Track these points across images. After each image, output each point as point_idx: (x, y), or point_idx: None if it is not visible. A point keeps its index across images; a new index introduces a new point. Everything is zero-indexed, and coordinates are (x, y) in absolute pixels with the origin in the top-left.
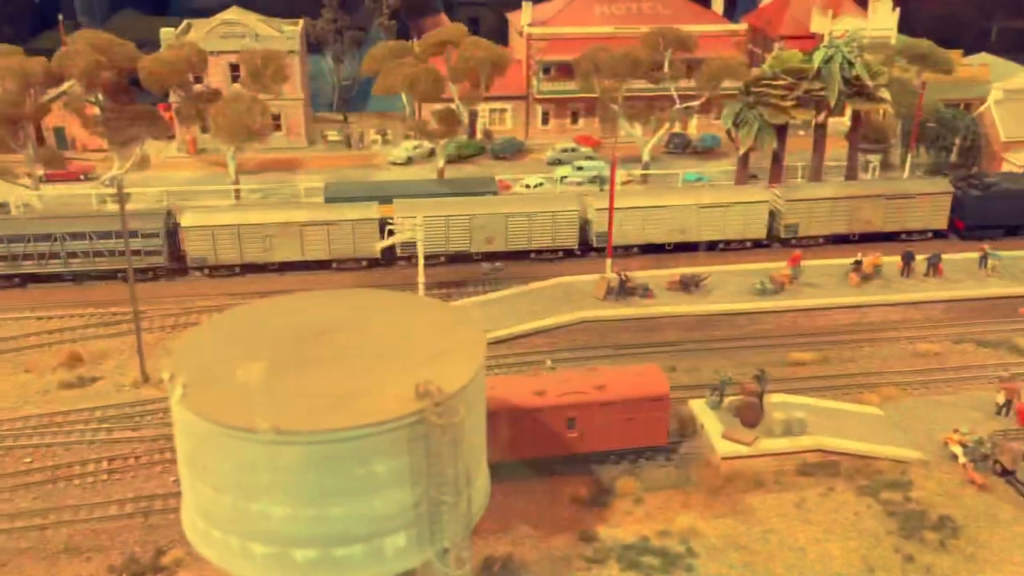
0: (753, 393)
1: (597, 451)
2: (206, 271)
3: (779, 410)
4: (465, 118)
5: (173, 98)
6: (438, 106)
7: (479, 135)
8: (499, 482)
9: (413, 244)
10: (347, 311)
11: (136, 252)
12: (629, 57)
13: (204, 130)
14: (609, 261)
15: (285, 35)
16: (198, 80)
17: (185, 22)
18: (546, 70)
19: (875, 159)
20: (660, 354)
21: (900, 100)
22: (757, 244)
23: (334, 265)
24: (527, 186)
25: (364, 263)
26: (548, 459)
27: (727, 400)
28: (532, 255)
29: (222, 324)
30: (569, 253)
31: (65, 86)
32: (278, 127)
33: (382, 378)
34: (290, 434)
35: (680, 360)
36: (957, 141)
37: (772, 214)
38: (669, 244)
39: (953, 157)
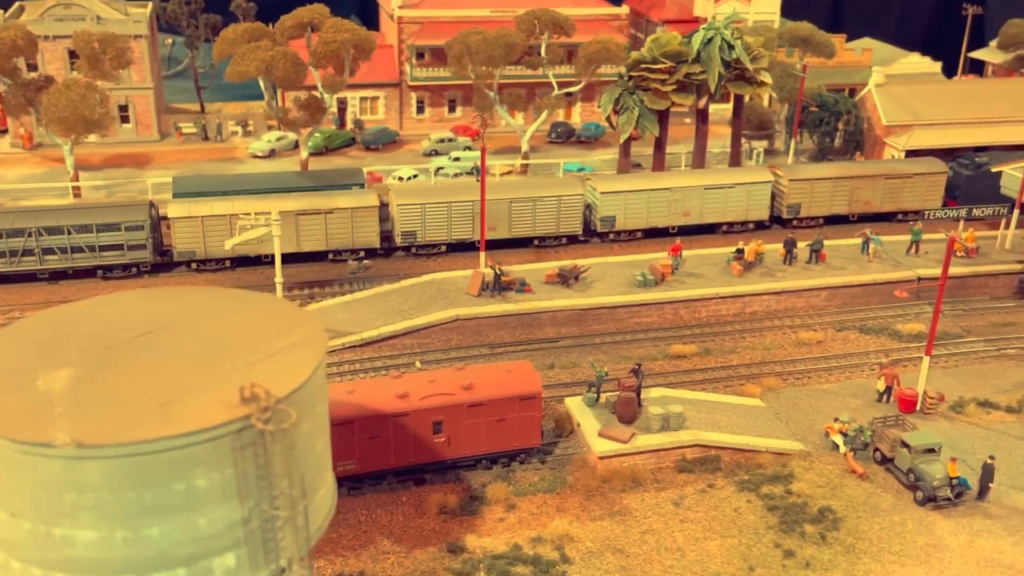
0: (630, 388)
1: (467, 456)
2: (194, 265)
3: (657, 405)
4: (331, 106)
5: None
6: (298, 94)
7: (349, 125)
8: (362, 495)
9: (413, 233)
10: (173, 311)
11: (117, 247)
12: (503, 40)
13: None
14: (483, 255)
15: (131, 18)
16: (33, 67)
17: (17, 4)
18: (419, 55)
19: (759, 145)
20: (538, 351)
21: (783, 85)
22: (760, 225)
23: (330, 257)
24: (400, 179)
25: (362, 253)
26: (415, 467)
27: (604, 397)
28: (536, 242)
29: (28, 328)
30: (573, 239)
31: None
32: (126, 119)
33: (206, 383)
34: (94, 447)
35: (559, 356)
36: (840, 126)
37: (774, 195)
38: (673, 227)
39: (837, 142)
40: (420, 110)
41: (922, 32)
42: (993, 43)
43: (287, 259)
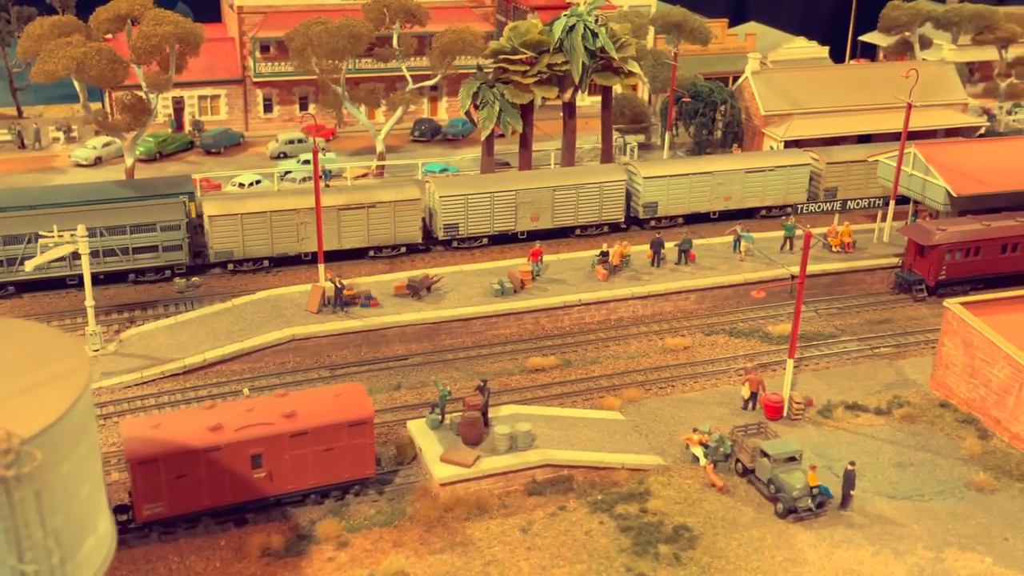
0: (475, 407)
1: (292, 491)
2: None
3: (504, 424)
4: (157, 106)
5: None
6: (119, 95)
7: (187, 127)
8: (174, 540)
9: (456, 226)
10: None
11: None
12: (347, 31)
13: None
14: (322, 267)
15: None
16: None
17: None
18: (264, 48)
19: (633, 140)
20: (384, 371)
21: (656, 75)
22: (614, 227)
23: (371, 253)
24: (240, 185)
25: (403, 249)
26: (234, 507)
27: (449, 418)
28: (577, 231)
29: None
30: (615, 228)
31: None
32: None
33: None
34: None
35: (407, 375)
36: (719, 116)
37: (811, 178)
38: (714, 213)
39: (716, 134)
40: (267, 109)
41: (825, 17)
42: None
43: (330, 256)
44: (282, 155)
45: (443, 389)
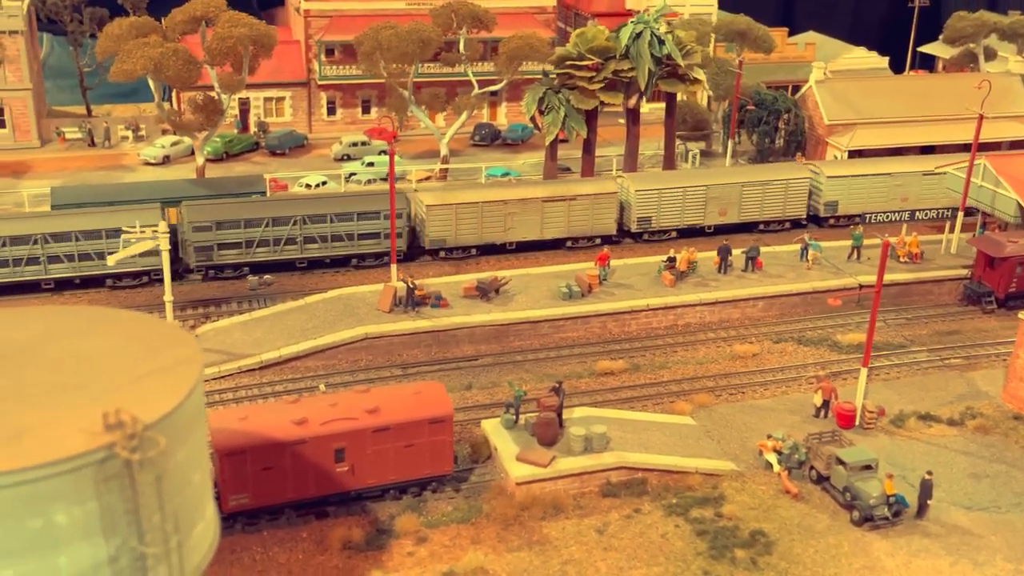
0: (550, 408)
1: (373, 486)
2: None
3: (579, 425)
4: (229, 107)
5: None
6: (192, 95)
7: (252, 128)
8: (258, 532)
9: (649, 219)
10: (33, 333)
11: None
12: (417, 35)
13: None
14: (394, 267)
15: (5, 12)
16: None
17: None
18: (329, 52)
19: (695, 147)
20: (455, 371)
21: (720, 83)
22: (795, 224)
23: (568, 244)
24: (307, 185)
25: (598, 240)
26: (316, 500)
27: (524, 418)
28: (761, 227)
29: None
30: (796, 224)
31: None
32: (1, 123)
33: (64, 410)
34: None
35: (477, 376)
36: (781, 125)
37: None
38: (894, 213)
39: (778, 142)
40: (331, 111)
41: (876, 26)
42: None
43: (531, 247)
44: (346, 157)
45: (518, 390)
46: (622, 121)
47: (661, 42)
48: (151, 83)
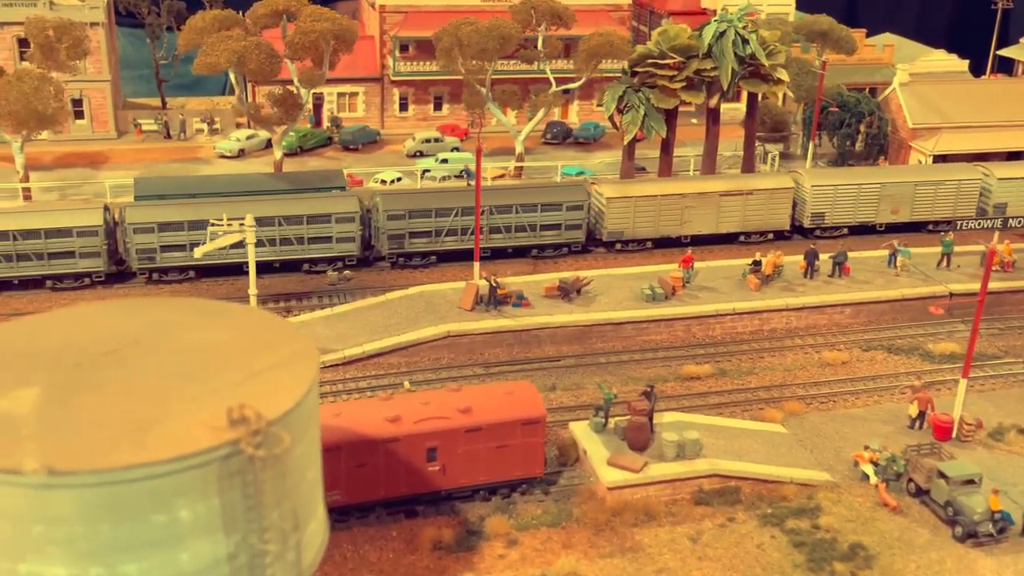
0: (641, 412)
1: (464, 486)
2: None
3: (671, 430)
4: (307, 102)
5: None
6: (272, 89)
7: (325, 123)
8: (348, 529)
9: (822, 215)
10: (143, 324)
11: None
12: (497, 32)
13: None
14: (477, 265)
15: (87, 4)
16: None
17: None
18: (403, 47)
19: (774, 149)
20: (538, 371)
21: (800, 83)
22: (779, 235)
23: (741, 239)
24: (382, 181)
25: (770, 236)
26: (406, 498)
27: (613, 421)
28: (930, 227)
29: None
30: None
31: None
32: (80, 114)
33: (186, 404)
34: (66, 475)
35: (560, 377)
36: (862, 128)
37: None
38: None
39: (858, 146)
40: (403, 107)
41: (943, 27)
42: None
43: (705, 240)
44: (418, 154)
45: (608, 392)
46: (695, 121)
47: (745, 41)
48: (231, 77)
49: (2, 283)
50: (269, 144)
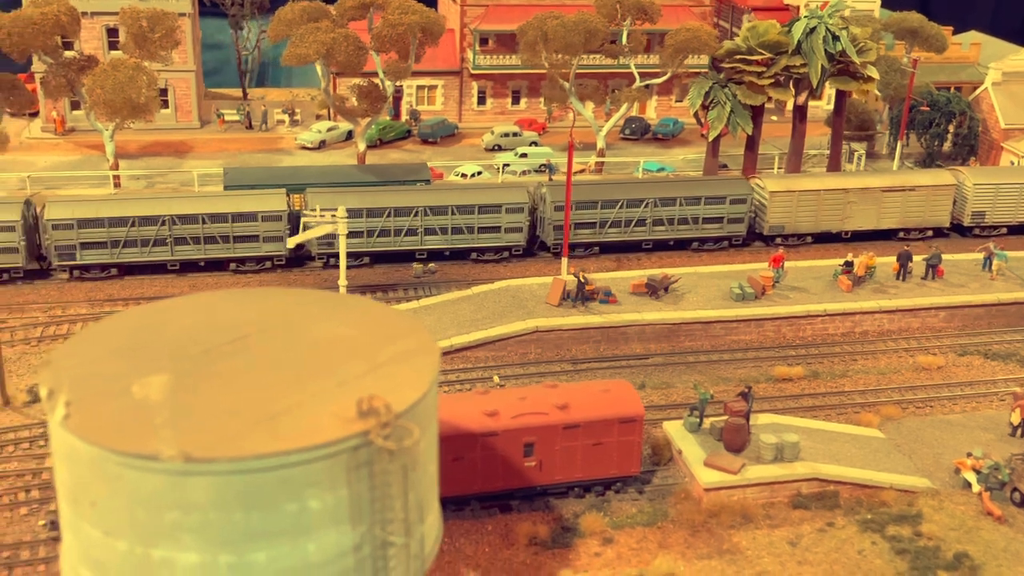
0: (738, 413)
1: (559, 483)
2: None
3: (768, 432)
4: (391, 94)
5: (37, 66)
6: (357, 81)
7: (404, 116)
8: (444, 522)
9: (983, 213)
10: (266, 314)
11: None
12: (584, 26)
13: (75, 106)
14: (565, 260)
15: None
16: (68, 46)
17: None
18: (483, 41)
19: (860, 148)
20: (625, 369)
21: (888, 81)
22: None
23: (900, 235)
24: (463, 175)
25: (930, 232)
26: (501, 493)
27: (708, 421)
28: None
29: (110, 330)
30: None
31: None
32: (164, 104)
33: (313, 394)
34: (202, 462)
35: (649, 375)
36: (951, 128)
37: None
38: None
39: (946, 146)
40: (481, 101)
41: (1018, 25)
42: None
43: (866, 236)
44: (497, 147)
45: (704, 392)
46: (774, 118)
47: (835, 38)
48: (318, 68)
49: (186, 264)
50: (349, 136)
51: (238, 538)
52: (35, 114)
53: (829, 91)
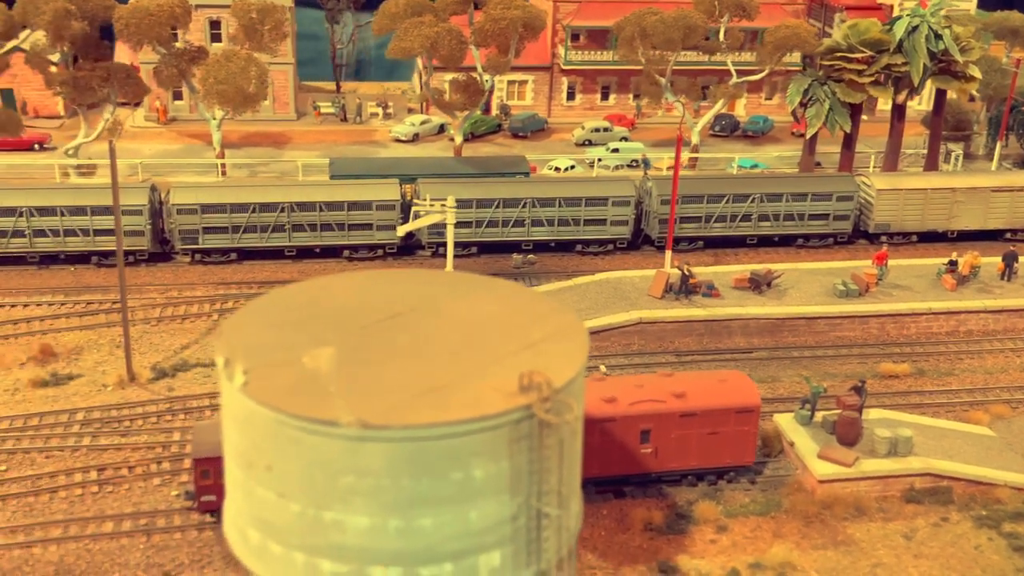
0: (852, 407)
1: (673, 470)
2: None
3: (883, 427)
4: (487, 89)
5: (144, 56)
6: (454, 75)
7: (494, 111)
8: None
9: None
10: (415, 293)
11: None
12: (683, 22)
13: (177, 96)
14: (669, 253)
15: None
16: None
17: None
18: (575, 37)
19: (957, 148)
20: (729, 362)
21: (987, 81)
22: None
23: (1008, 235)
24: (556, 169)
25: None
26: (616, 478)
27: (820, 415)
28: None
29: (274, 304)
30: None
31: (23, 36)
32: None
33: (474, 368)
34: (378, 429)
35: (753, 369)
36: None
37: None
38: None
39: None
40: (570, 96)
41: None
42: None
43: (972, 236)
44: (587, 142)
45: (816, 386)
46: (865, 117)
47: (938, 37)
48: (419, 63)
49: (303, 251)
50: (441, 129)
51: (406, 503)
52: (137, 104)
53: (923, 91)
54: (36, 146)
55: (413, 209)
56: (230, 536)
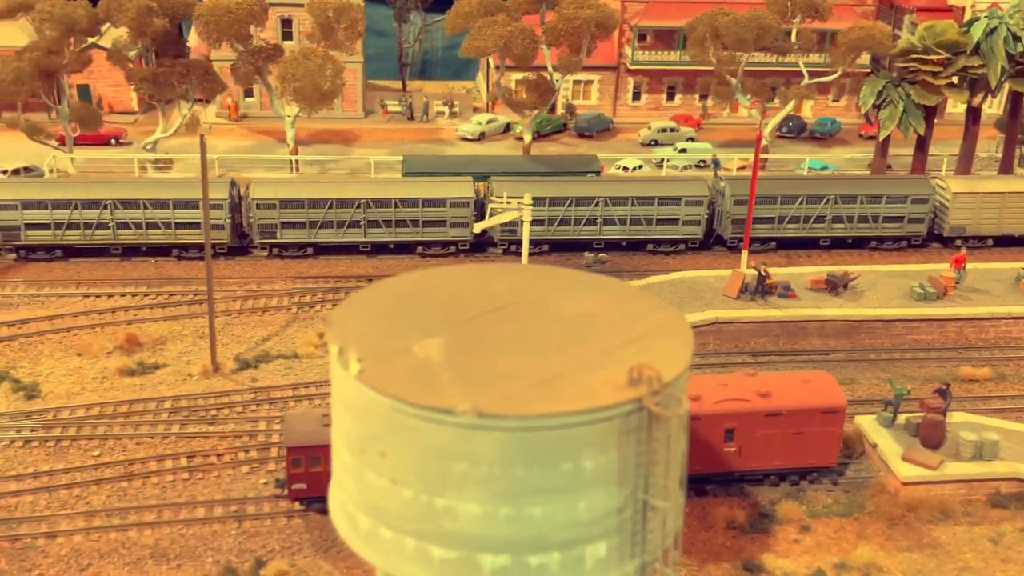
0: (936, 410)
1: (756, 469)
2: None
3: (967, 430)
4: (558, 88)
5: (216, 54)
6: (524, 74)
7: (559, 110)
8: None
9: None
10: (517, 287)
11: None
12: (756, 22)
13: (248, 94)
14: (745, 254)
15: None
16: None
17: None
18: (642, 37)
19: None
20: (806, 363)
21: None
22: None
23: None
24: (624, 168)
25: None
26: (699, 477)
27: (903, 417)
28: None
29: (380, 295)
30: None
31: (104, 31)
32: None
33: (582, 361)
34: (493, 418)
35: (831, 371)
36: None
37: None
38: None
39: None
40: (636, 96)
41: None
42: None
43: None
44: (653, 143)
45: (899, 388)
46: (937, 120)
47: (1016, 39)
48: (490, 61)
49: (377, 247)
50: (507, 128)
51: (518, 492)
52: (208, 101)
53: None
54: (113, 140)
55: (489, 207)
56: (337, 522)
